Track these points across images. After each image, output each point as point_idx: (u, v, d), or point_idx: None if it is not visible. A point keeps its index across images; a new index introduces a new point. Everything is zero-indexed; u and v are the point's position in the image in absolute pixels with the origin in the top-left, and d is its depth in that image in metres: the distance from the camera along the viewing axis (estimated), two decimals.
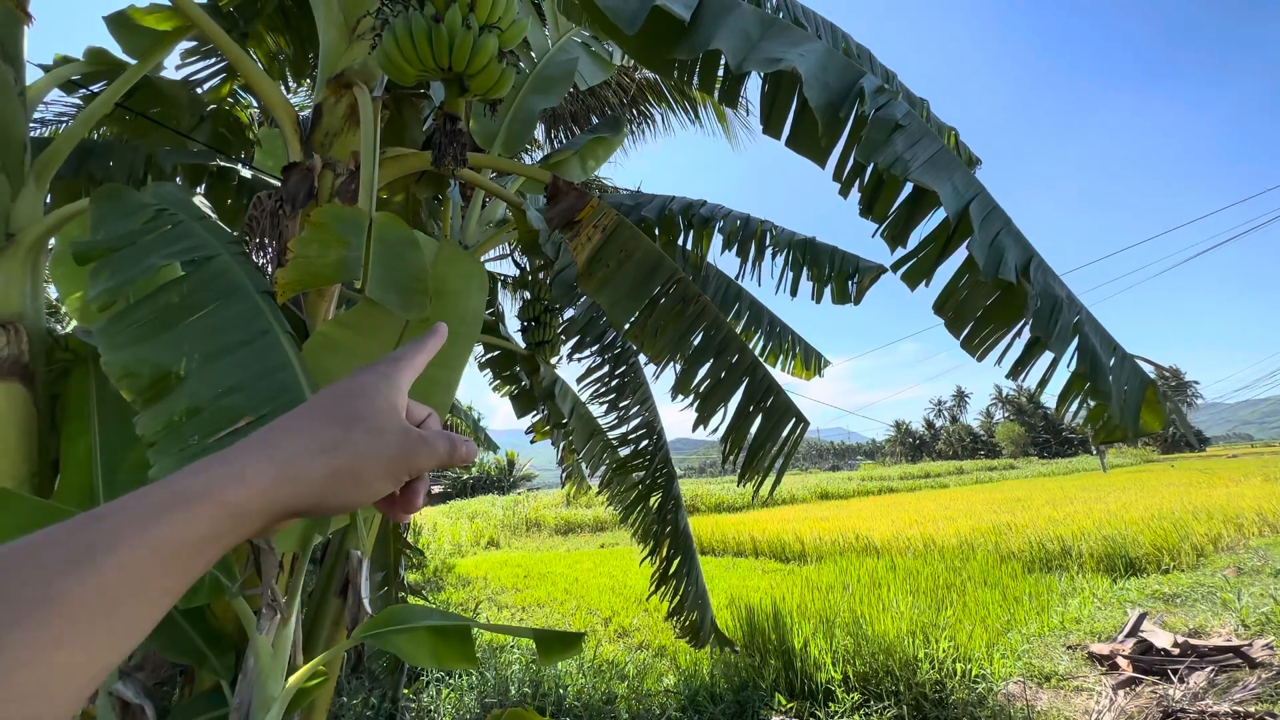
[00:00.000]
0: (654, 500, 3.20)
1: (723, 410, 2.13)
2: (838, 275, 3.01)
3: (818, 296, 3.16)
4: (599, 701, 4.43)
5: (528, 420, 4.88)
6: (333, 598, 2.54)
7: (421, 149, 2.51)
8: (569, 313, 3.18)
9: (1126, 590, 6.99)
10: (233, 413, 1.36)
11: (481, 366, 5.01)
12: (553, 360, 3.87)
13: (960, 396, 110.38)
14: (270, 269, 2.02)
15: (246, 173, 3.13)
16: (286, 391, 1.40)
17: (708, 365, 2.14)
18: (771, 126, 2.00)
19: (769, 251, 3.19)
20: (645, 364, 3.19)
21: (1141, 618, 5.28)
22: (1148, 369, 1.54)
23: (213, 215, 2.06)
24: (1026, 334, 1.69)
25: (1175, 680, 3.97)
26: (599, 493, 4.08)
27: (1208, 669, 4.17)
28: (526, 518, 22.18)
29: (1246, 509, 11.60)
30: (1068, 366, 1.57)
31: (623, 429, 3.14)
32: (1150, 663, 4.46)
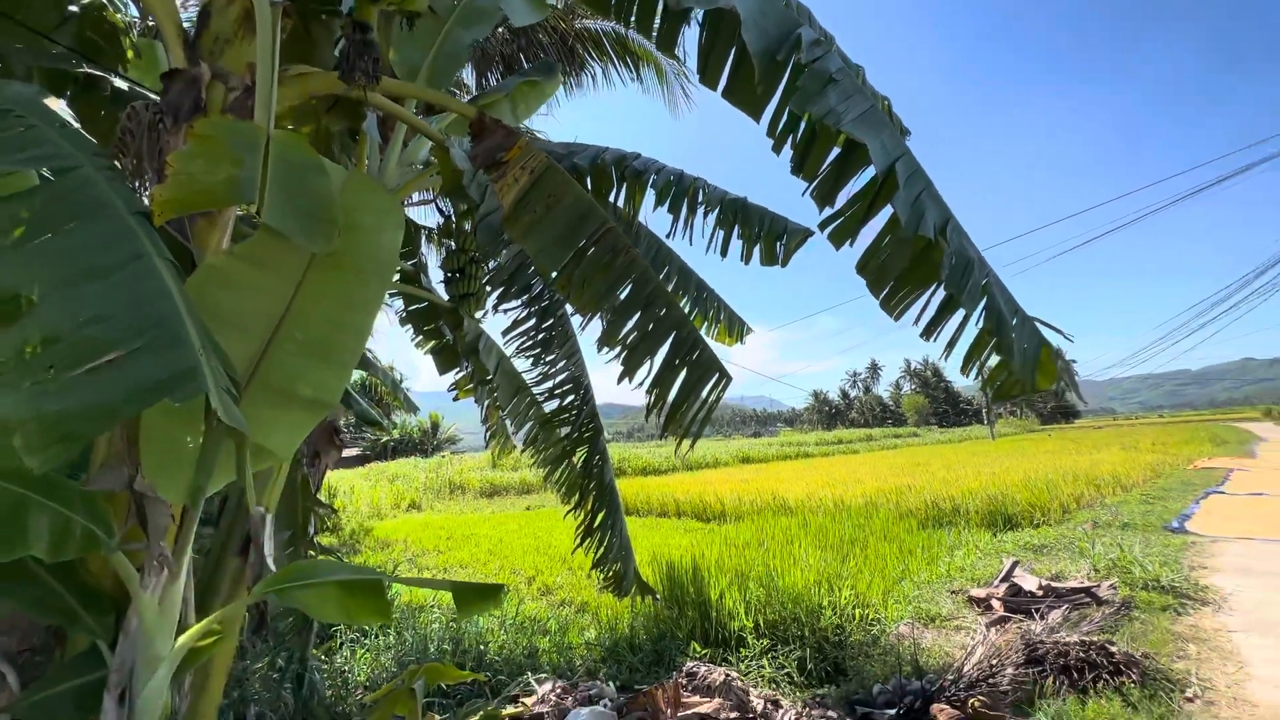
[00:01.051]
0: (579, 456, 3.19)
1: (649, 363, 2.12)
2: (767, 236, 3.05)
3: (746, 257, 3.20)
4: (521, 656, 4.47)
5: (451, 379, 4.72)
6: (232, 556, 2.37)
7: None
8: (495, 263, 3.05)
9: (1004, 542, 7.80)
10: (98, 345, 1.19)
11: (403, 321, 4.76)
12: (478, 314, 3.73)
13: (874, 369, 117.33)
14: (148, 190, 1.79)
15: (121, 83, 2.73)
16: (162, 324, 1.23)
17: (635, 318, 2.12)
18: (709, 75, 1.95)
19: (701, 209, 3.18)
20: (572, 315, 3.13)
21: (1014, 565, 5.91)
22: (1045, 331, 1.67)
23: (75, 125, 1.79)
24: (941, 295, 1.78)
25: (1038, 617, 4.50)
26: (524, 450, 4.03)
27: (1064, 607, 4.74)
28: (450, 480, 21.74)
29: (1105, 473, 13.21)
30: (976, 324, 1.67)
31: (549, 383, 3.08)
32: (1019, 603, 5.02)
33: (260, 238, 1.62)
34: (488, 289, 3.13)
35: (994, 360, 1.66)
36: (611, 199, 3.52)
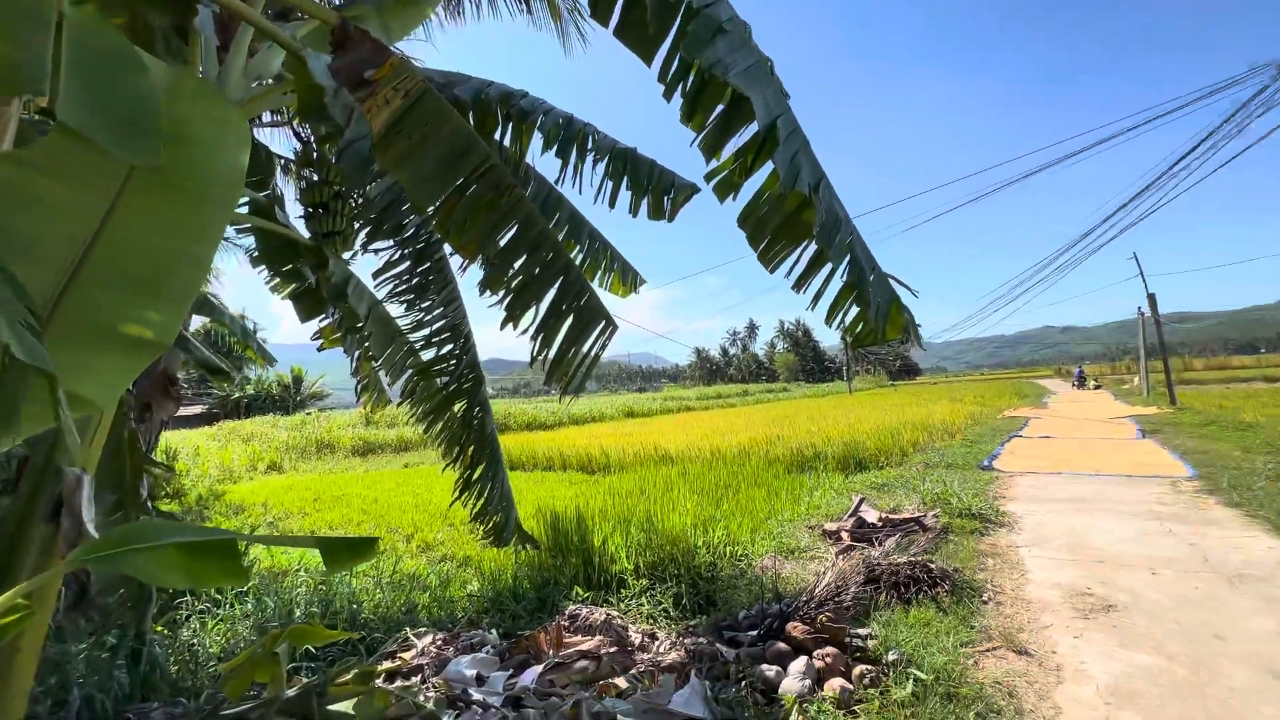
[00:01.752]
0: (459, 407, 3.07)
1: (535, 309, 2.07)
2: (655, 189, 3.06)
3: (635, 209, 3.19)
4: (399, 613, 4.35)
5: (315, 327, 4.29)
6: (39, 523, 2.04)
7: None
8: (363, 198, 2.78)
9: (854, 483, 8.79)
10: None
11: (255, 261, 4.21)
12: (345, 255, 3.40)
13: (751, 328, 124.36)
14: None
15: None
16: None
17: (521, 261, 2.04)
18: (600, 9, 1.88)
19: (590, 157, 3.10)
20: (451, 256, 2.96)
21: (861, 502, 6.70)
22: (896, 286, 1.85)
23: None
24: (811, 250, 1.90)
25: (877, 545, 5.17)
26: (400, 404, 3.80)
27: (898, 535, 5.49)
28: (318, 439, 20.17)
29: (936, 421, 15.27)
30: (841, 278, 1.81)
31: (425, 331, 2.91)
32: (863, 534, 5.72)
33: (56, 140, 1.33)
34: (355, 226, 2.86)
35: (854, 311, 1.82)
36: (497, 138, 3.32)
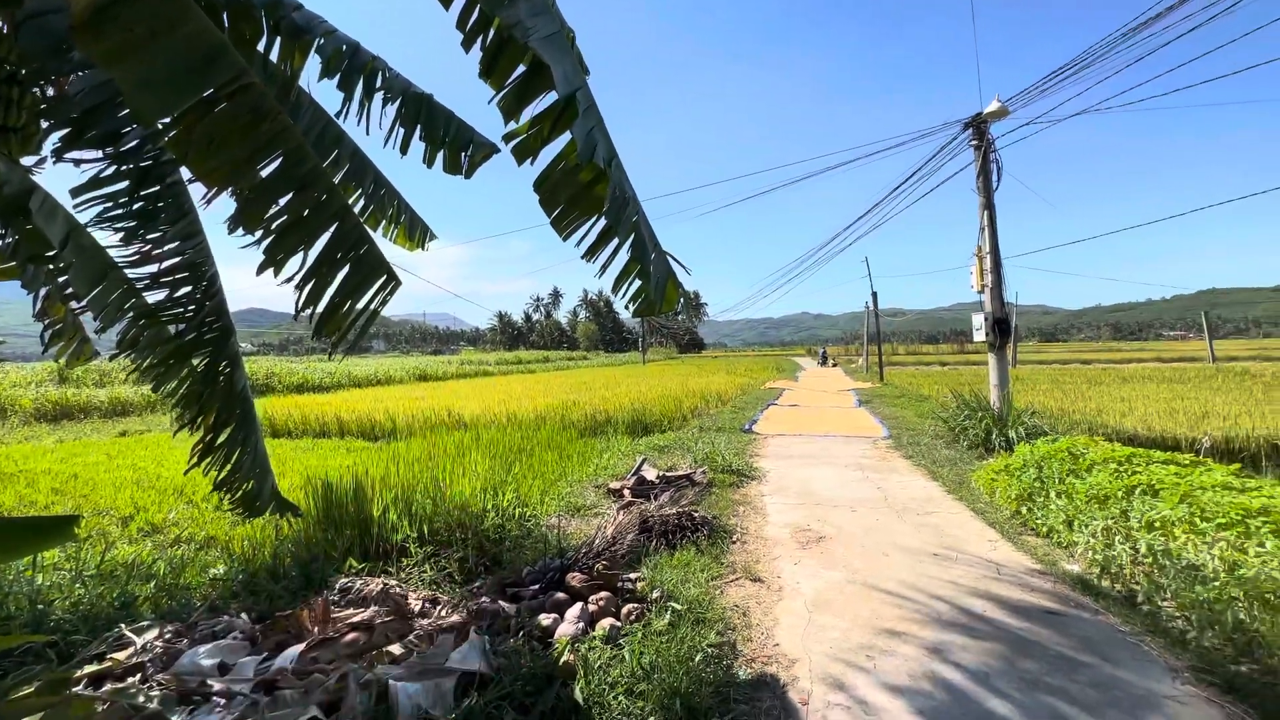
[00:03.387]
0: (200, 360, 2.60)
1: (303, 254, 1.85)
2: (452, 143, 2.90)
3: (430, 160, 3.00)
4: (110, 609, 3.60)
5: None
6: None
7: None
8: (57, 93, 2.16)
9: (640, 445, 9.54)
10: None
11: None
12: (28, 160, 2.60)
13: (556, 295, 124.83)
14: None
15: None
16: None
17: (287, 199, 1.80)
18: None
19: (380, 96, 2.82)
20: (191, 183, 2.46)
21: (643, 462, 7.33)
22: (672, 264, 2.06)
23: None
24: (602, 223, 2.01)
25: (653, 499, 5.74)
26: (114, 356, 3.06)
27: (671, 490, 6.15)
28: None
29: (713, 391, 17.23)
30: (626, 252, 1.96)
31: (153, 267, 2.39)
32: (643, 490, 6.29)
33: None
34: (43, 125, 2.21)
35: (636, 284, 1.99)
36: (262, 51, 2.82)
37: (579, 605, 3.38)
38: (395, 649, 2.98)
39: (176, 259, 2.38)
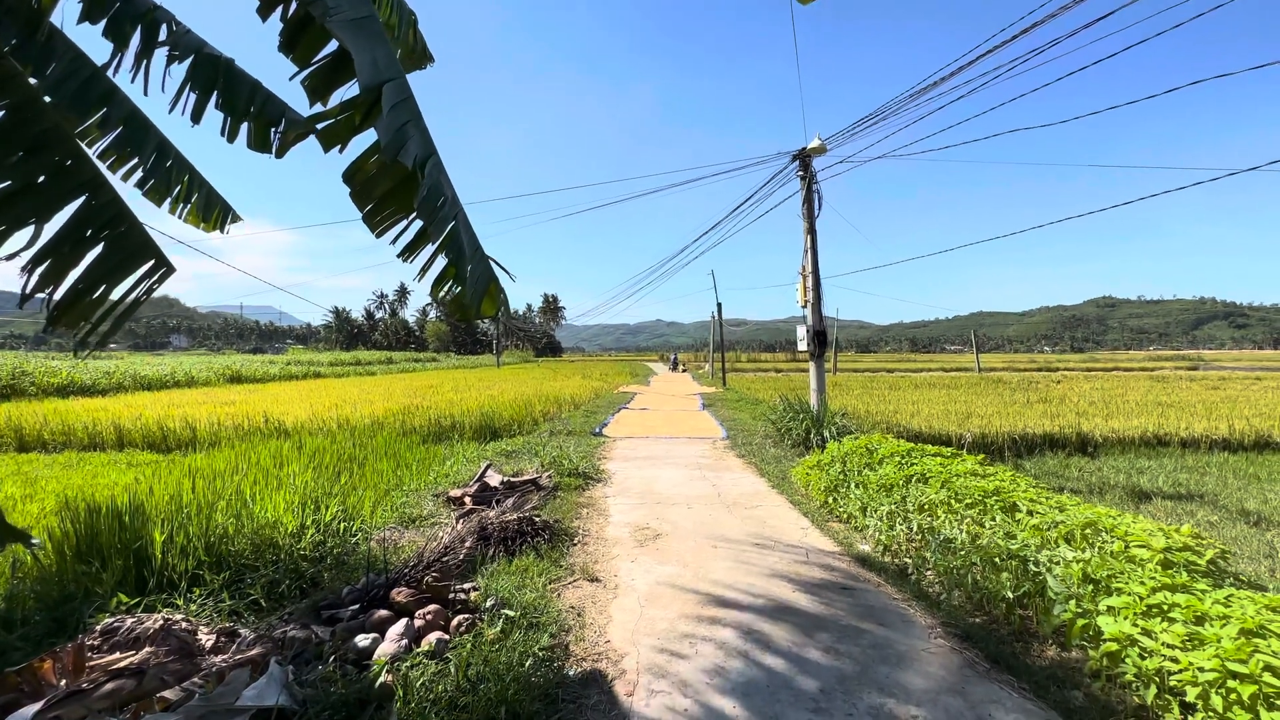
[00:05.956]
0: None
1: (34, 226, 1.53)
2: (258, 117, 2.60)
3: (231, 134, 2.66)
4: None
5: None
6: None
7: None
8: None
9: (486, 451, 9.25)
10: None
11: None
12: None
13: (403, 292, 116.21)
14: None
15: None
16: None
17: (12, 161, 1.47)
18: None
19: (163, 52, 2.44)
20: None
21: (487, 467, 7.12)
22: (496, 269, 2.04)
23: None
24: (418, 223, 1.94)
25: (496, 506, 5.59)
26: None
27: (516, 495, 6.05)
28: None
29: (567, 395, 17.24)
30: (445, 256, 1.90)
31: None
32: (485, 497, 6.10)
33: None
34: None
35: (456, 288, 1.94)
36: None
37: (404, 621, 3.19)
38: (171, 694, 2.57)
39: None
